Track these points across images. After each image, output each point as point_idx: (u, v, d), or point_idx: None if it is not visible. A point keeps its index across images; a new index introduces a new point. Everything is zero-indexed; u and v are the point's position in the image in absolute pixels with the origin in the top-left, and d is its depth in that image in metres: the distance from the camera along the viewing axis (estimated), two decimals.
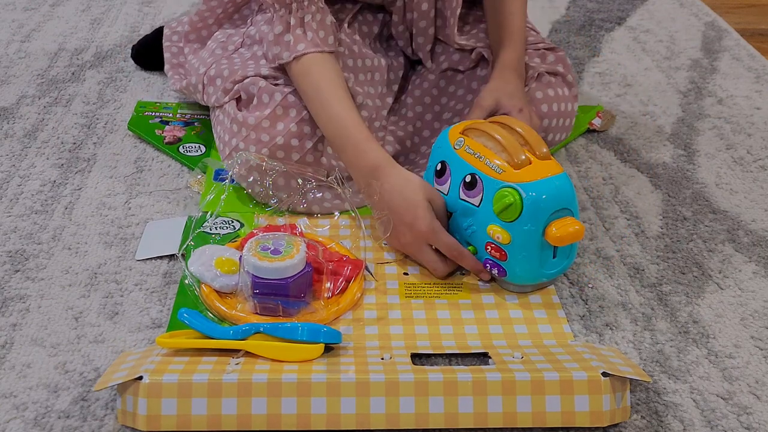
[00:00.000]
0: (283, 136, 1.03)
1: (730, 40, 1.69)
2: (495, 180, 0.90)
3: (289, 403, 0.75)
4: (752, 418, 0.81)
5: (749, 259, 1.04)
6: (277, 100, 1.04)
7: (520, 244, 0.90)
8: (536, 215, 0.88)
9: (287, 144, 1.03)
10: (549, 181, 0.89)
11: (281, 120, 1.04)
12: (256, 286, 0.88)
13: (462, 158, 0.94)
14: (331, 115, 1.01)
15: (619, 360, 0.82)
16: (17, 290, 0.95)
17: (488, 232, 0.91)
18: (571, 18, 1.79)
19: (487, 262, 0.94)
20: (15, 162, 1.20)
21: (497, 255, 0.92)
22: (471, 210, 0.94)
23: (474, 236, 0.94)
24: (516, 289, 0.95)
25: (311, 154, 1.05)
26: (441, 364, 0.86)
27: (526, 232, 0.89)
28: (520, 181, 0.89)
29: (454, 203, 0.96)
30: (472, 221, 0.94)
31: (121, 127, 1.30)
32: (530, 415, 0.76)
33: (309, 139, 1.04)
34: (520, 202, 0.88)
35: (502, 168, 0.90)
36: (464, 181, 0.94)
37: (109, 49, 1.57)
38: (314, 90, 1.03)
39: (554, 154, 1.24)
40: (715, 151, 1.28)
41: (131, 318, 0.91)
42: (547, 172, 0.90)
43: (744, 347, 0.90)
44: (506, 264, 0.92)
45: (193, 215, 1.06)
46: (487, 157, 0.92)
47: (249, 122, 1.05)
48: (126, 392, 0.76)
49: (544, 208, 0.88)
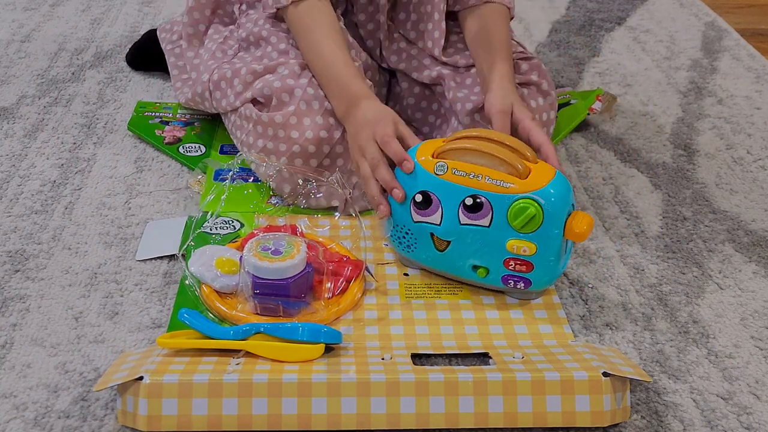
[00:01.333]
0: (311, 129, 1.03)
1: (730, 40, 1.69)
2: (506, 195, 0.88)
3: (290, 404, 0.75)
4: (752, 418, 0.81)
5: (749, 259, 1.04)
6: (298, 96, 1.05)
7: (547, 250, 0.89)
8: (558, 218, 0.88)
9: (317, 137, 1.03)
10: (556, 183, 0.88)
11: (307, 115, 1.04)
12: (256, 287, 0.88)
13: (452, 183, 0.90)
14: (320, 52, 1.06)
15: (620, 360, 0.82)
16: (17, 290, 0.95)
17: (509, 249, 0.89)
18: (571, 18, 1.79)
19: (508, 279, 0.92)
20: (15, 162, 1.20)
21: (522, 268, 0.90)
22: (479, 232, 0.90)
23: (487, 257, 0.91)
24: (530, 296, 0.94)
25: (340, 144, 1.05)
26: (441, 365, 0.86)
27: (553, 237, 0.88)
28: (533, 190, 0.87)
29: (452, 230, 0.91)
30: (480, 243, 0.91)
31: (121, 127, 1.30)
32: (531, 415, 0.76)
33: (336, 129, 1.04)
34: (541, 210, 0.87)
35: (510, 182, 0.88)
36: (464, 204, 0.90)
37: (109, 49, 1.57)
38: (308, 30, 1.07)
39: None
40: (715, 151, 1.28)
41: (131, 318, 0.91)
42: (547, 174, 0.89)
43: (744, 347, 0.90)
44: (532, 274, 0.90)
45: (193, 215, 1.06)
46: (487, 174, 0.89)
47: (276, 121, 1.05)
48: (126, 392, 0.76)
49: (562, 210, 0.88)
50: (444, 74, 1.15)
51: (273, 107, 1.06)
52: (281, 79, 1.07)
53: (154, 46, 1.39)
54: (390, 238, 0.97)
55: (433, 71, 1.17)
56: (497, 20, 1.13)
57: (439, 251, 0.93)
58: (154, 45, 1.39)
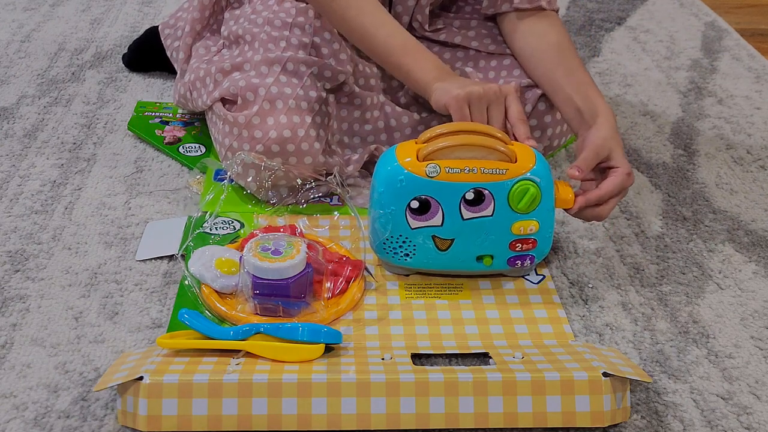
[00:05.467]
0: (275, 129, 1.03)
1: (730, 40, 1.69)
2: (503, 182, 0.89)
3: (290, 404, 0.75)
4: (752, 418, 0.81)
5: (749, 259, 1.04)
6: (261, 95, 1.05)
7: (547, 224, 0.93)
8: (549, 192, 0.92)
9: (281, 136, 1.03)
10: (539, 159, 0.91)
11: (270, 114, 1.04)
12: (256, 287, 0.88)
13: (449, 182, 0.89)
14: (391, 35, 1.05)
15: (620, 360, 0.82)
16: (17, 290, 0.95)
17: (515, 231, 0.92)
18: (571, 18, 1.79)
19: (515, 261, 0.95)
20: (15, 162, 1.20)
21: (528, 246, 0.94)
22: (484, 223, 0.91)
23: (493, 245, 0.93)
24: (519, 273, 0.98)
25: (305, 142, 1.04)
26: (441, 365, 0.86)
27: (549, 209, 0.93)
28: (527, 171, 0.90)
29: (455, 227, 0.91)
30: (486, 233, 0.92)
31: (121, 127, 1.30)
32: (531, 415, 0.76)
33: (300, 127, 1.04)
34: (538, 188, 0.90)
35: (504, 168, 0.90)
36: (464, 200, 0.90)
37: (109, 49, 1.57)
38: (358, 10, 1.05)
39: (555, 155, 1.24)
40: (715, 151, 1.28)
41: (131, 318, 0.91)
42: (527, 152, 0.92)
43: (744, 347, 0.90)
44: (536, 250, 0.94)
45: (193, 215, 1.06)
46: (481, 166, 0.89)
47: (240, 121, 1.05)
48: (126, 392, 0.76)
49: (551, 183, 0.92)
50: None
51: (238, 106, 1.07)
52: (246, 78, 1.07)
53: (155, 44, 1.39)
54: (380, 251, 0.95)
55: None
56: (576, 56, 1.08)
57: (441, 251, 0.93)
58: (155, 43, 1.39)
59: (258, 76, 1.06)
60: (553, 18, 1.12)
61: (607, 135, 0.96)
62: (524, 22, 1.12)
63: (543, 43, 1.10)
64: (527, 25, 1.12)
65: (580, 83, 1.03)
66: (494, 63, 1.16)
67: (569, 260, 1.02)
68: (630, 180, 0.95)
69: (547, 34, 1.11)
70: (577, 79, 1.04)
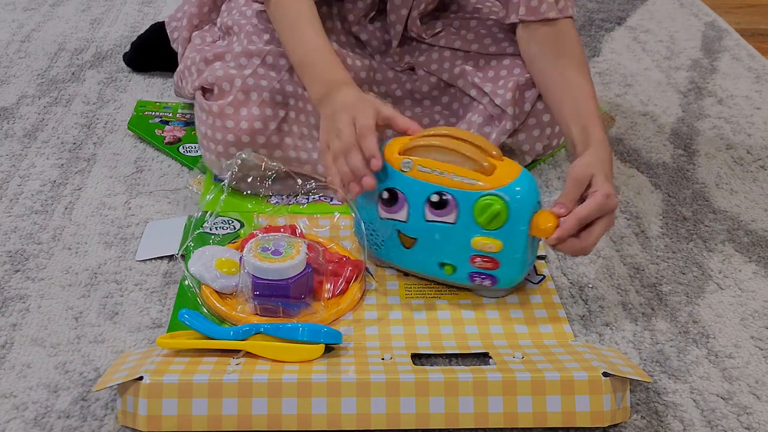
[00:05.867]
0: (246, 120, 1.06)
1: (730, 40, 1.69)
2: (471, 192, 0.88)
3: (290, 404, 0.75)
4: (752, 418, 0.81)
5: (749, 259, 1.04)
6: (237, 86, 1.07)
7: (513, 247, 0.89)
8: (523, 215, 0.88)
9: (251, 127, 1.05)
10: (522, 179, 0.88)
11: (243, 105, 1.06)
12: (256, 287, 0.88)
13: (418, 180, 0.89)
14: (303, 39, 1.03)
15: (620, 360, 0.82)
16: (17, 290, 0.95)
17: (474, 245, 0.89)
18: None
19: (474, 277, 0.92)
20: (15, 162, 1.20)
21: (488, 265, 0.90)
22: (445, 229, 0.90)
23: (453, 254, 0.91)
24: (497, 294, 0.94)
25: (276, 135, 1.07)
26: (441, 365, 0.86)
27: (518, 233, 0.88)
28: (498, 187, 0.87)
29: (418, 227, 0.91)
30: (446, 240, 0.91)
31: (121, 127, 1.30)
32: (531, 415, 0.76)
33: (272, 120, 1.06)
34: (506, 207, 0.87)
35: (474, 178, 0.88)
36: (429, 201, 0.89)
37: (109, 49, 1.57)
38: (287, 20, 1.05)
39: (555, 155, 1.24)
40: (715, 151, 1.28)
41: (131, 318, 0.91)
42: (513, 171, 0.89)
43: (744, 347, 0.90)
44: (498, 271, 0.90)
45: (193, 215, 1.06)
46: (452, 171, 0.88)
47: (214, 110, 1.07)
48: (126, 392, 0.76)
49: (527, 206, 0.88)
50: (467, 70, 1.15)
51: (215, 95, 1.09)
52: (225, 68, 1.09)
53: (159, 40, 1.39)
54: (358, 232, 0.96)
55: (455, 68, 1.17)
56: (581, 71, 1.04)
57: (405, 248, 0.93)
58: (159, 39, 1.40)
59: (237, 68, 1.09)
60: (564, 28, 1.07)
61: (590, 161, 0.92)
62: (532, 34, 1.08)
63: (549, 65, 1.06)
64: (535, 39, 1.08)
65: (580, 114, 0.99)
66: (494, 63, 1.16)
67: (569, 260, 1.02)
68: (610, 202, 0.88)
69: (554, 52, 1.06)
70: (578, 108, 0.99)
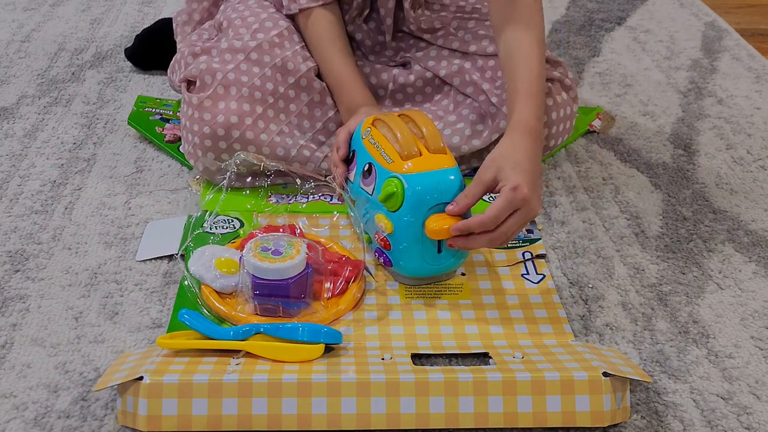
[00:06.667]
0: (223, 114, 1.07)
1: (730, 40, 1.69)
2: (385, 170, 0.92)
3: (290, 404, 0.75)
4: (752, 418, 0.81)
5: (749, 259, 1.04)
6: (218, 79, 1.08)
7: (401, 234, 0.91)
8: (416, 207, 0.89)
9: (227, 121, 1.07)
10: (433, 174, 0.89)
11: (222, 99, 1.08)
12: (256, 287, 0.88)
13: (365, 148, 0.97)
14: (330, 68, 1.13)
15: (620, 360, 0.82)
16: (17, 290, 0.95)
17: (377, 222, 0.93)
18: (571, 18, 1.79)
19: (377, 253, 0.96)
20: (15, 162, 1.20)
21: (383, 244, 0.94)
22: (366, 199, 0.96)
23: (368, 225, 0.96)
24: (403, 280, 0.96)
25: (251, 131, 1.08)
26: (441, 365, 0.86)
27: (406, 222, 0.90)
28: (406, 172, 0.90)
29: (356, 191, 0.98)
30: (367, 209, 0.96)
31: (121, 127, 1.30)
32: (531, 415, 0.76)
33: (248, 116, 1.08)
34: (402, 192, 0.89)
35: (392, 158, 0.92)
36: (363, 170, 0.96)
37: (109, 49, 1.57)
38: (315, 43, 1.14)
39: (555, 155, 1.24)
40: (715, 151, 1.28)
41: (131, 318, 0.91)
42: (435, 165, 0.90)
43: (744, 347, 0.90)
44: (390, 254, 0.93)
45: (193, 214, 1.06)
46: (383, 147, 0.93)
47: (193, 102, 1.09)
48: (126, 392, 0.76)
49: (423, 201, 0.89)
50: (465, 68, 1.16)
51: (197, 88, 1.10)
52: (209, 62, 1.11)
53: (163, 36, 1.40)
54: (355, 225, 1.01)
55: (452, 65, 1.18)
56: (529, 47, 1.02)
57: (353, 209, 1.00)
58: (162, 35, 1.40)
59: (221, 62, 1.10)
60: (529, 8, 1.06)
61: (495, 155, 0.89)
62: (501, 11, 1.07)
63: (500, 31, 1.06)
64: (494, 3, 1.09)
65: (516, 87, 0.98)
66: (492, 63, 1.16)
67: (569, 260, 1.02)
68: (518, 194, 0.84)
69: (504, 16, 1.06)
70: (515, 80, 0.99)
